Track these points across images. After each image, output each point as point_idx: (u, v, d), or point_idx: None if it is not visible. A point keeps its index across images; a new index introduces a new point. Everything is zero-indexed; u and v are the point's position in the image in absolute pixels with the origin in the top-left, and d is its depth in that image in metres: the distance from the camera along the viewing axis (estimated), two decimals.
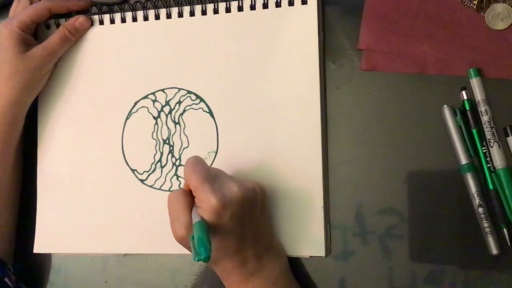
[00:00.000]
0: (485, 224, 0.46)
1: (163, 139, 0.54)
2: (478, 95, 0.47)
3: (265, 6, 0.52)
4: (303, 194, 0.49)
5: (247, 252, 0.45)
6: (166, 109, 0.54)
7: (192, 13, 0.54)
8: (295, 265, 0.50)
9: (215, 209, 0.41)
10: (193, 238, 0.40)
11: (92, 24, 0.57)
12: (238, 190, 0.43)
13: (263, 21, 0.52)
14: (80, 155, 0.56)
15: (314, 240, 0.49)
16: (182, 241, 0.45)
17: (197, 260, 0.38)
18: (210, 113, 0.53)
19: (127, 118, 0.55)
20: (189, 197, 0.45)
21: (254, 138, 0.51)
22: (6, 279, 0.52)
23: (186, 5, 0.54)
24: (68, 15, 0.57)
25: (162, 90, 0.54)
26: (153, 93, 0.55)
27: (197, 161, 0.45)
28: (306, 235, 0.49)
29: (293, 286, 0.48)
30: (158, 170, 0.54)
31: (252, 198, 0.45)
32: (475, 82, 0.47)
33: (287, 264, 0.49)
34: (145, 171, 0.54)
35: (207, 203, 0.42)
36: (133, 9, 0.56)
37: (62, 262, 0.57)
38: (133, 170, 0.54)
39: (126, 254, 0.55)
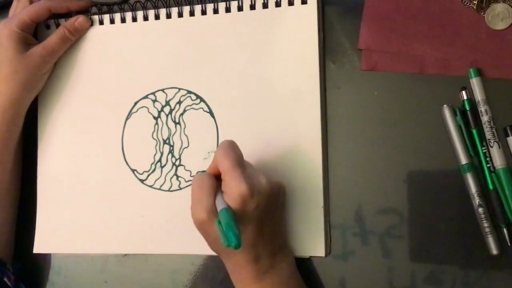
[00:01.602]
0: (485, 224, 0.46)
1: (163, 139, 0.54)
2: (478, 95, 0.47)
3: (265, 6, 0.52)
4: (303, 194, 0.49)
5: (262, 248, 0.44)
6: (166, 109, 0.54)
7: (192, 13, 0.54)
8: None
9: (243, 196, 0.41)
10: (219, 223, 0.39)
11: (92, 24, 0.57)
12: (266, 183, 0.43)
13: (263, 21, 0.52)
14: (80, 155, 0.56)
15: (314, 240, 0.49)
16: (201, 225, 0.43)
17: (227, 246, 0.37)
18: (210, 113, 0.53)
19: (127, 118, 0.55)
20: (215, 181, 0.44)
21: (254, 138, 0.51)
22: (5, 279, 0.52)
23: (186, 5, 0.54)
24: (68, 15, 0.57)
25: (162, 90, 0.54)
26: (153, 93, 0.55)
27: (231, 146, 0.44)
28: (306, 235, 0.49)
29: (303, 286, 0.48)
30: (158, 170, 0.54)
31: (277, 195, 0.45)
32: (475, 82, 0.47)
33: (295, 265, 0.49)
34: (145, 171, 0.54)
35: (236, 189, 0.41)
36: (133, 9, 0.56)
37: (62, 262, 0.57)
38: (133, 170, 0.54)
39: (126, 254, 0.55)
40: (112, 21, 0.56)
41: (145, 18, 0.55)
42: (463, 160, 0.47)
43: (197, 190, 0.44)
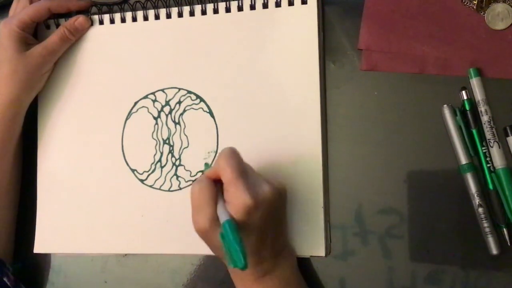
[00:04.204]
0: (485, 224, 0.46)
1: (163, 139, 0.54)
2: (478, 95, 0.47)
3: (265, 6, 0.52)
4: (303, 194, 0.49)
5: (265, 251, 0.44)
6: (166, 109, 0.54)
7: (192, 13, 0.54)
8: None
9: (248, 208, 0.40)
10: (222, 237, 0.38)
11: (92, 24, 0.57)
12: (269, 191, 0.42)
13: (263, 21, 0.52)
14: (80, 155, 0.56)
15: (314, 240, 0.49)
16: (203, 234, 0.42)
17: (234, 267, 0.36)
18: (210, 113, 0.53)
19: (127, 118, 0.55)
20: (214, 188, 0.42)
21: (254, 138, 0.51)
22: (5, 279, 0.52)
23: (186, 5, 0.54)
24: (68, 15, 0.57)
25: (162, 90, 0.54)
26: (153, 93, 0.55)
27: (233, 154, 0.43)
28: (306, 235, 0.49)
29: (304, 285, 0.48)
30: (158, 170, 0.54)
31: (280, 200, 0.44)
32: (475, 82, 0.47)
33: (297, 263, 0.48)
34: (145, 171, 0.54)
35: (240, 201, 0.40)
36: (133, 9, 0.56)
37: (62, 262, 0.57)
38: (133, 170, 0.54)
39: (126, 254, 0.55)
40: (112, 21, 0.56)
41: (145, 18, 0.55)
42: (463, 160, 0.47)
43: (198, 198, 0.42)
